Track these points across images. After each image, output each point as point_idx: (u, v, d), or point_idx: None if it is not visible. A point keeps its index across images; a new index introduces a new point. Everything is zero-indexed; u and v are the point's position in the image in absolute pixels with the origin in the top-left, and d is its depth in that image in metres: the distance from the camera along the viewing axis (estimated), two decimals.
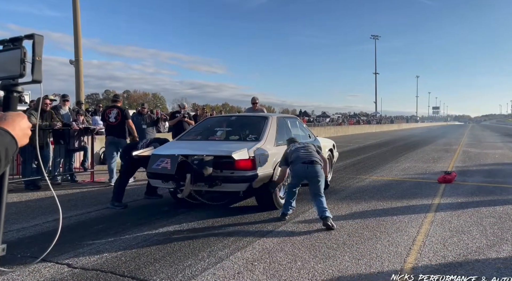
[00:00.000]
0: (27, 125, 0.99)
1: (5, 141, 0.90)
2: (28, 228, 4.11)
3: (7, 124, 0.94)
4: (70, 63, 16.42)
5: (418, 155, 12.28)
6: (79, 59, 16.44)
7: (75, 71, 16.43)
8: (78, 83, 16.50)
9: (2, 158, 0.87)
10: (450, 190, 6.10)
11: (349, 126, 34.35)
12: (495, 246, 3.46)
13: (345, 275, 2.79)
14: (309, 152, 4.38)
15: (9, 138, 0.92)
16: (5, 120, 0.95)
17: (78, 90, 16.50)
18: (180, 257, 3.20)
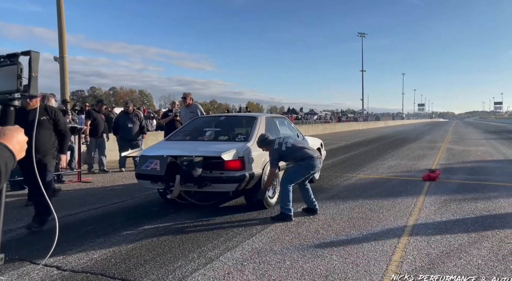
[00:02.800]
0: (23, 139, 1.02)
1: (5, 155, 0.92)
2: (15, 230, 4.07)
3: (6, 139, 0.97)
4: (55, 60, 16.11)
5: (404, 152, 12.51)
6: (63, 56, 16.11)
7: (59, 68, 16.12)
8: (63, 80, 16.19)
9: (3, 172, 0.89)
10: (434, 188, 6.26)
11: (336, 123, 34.67)
12: (476, 243, 3.59)
13: (332, 274, 2.86)
14: (309, 146, 4.70)
15: (8, 153, 0.94)
16: (4, 134, 0.97)
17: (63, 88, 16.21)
18: (170, 258, 3.23)
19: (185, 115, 7.08)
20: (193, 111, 6.94)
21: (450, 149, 13.89)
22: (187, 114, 6.97)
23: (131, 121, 7.82)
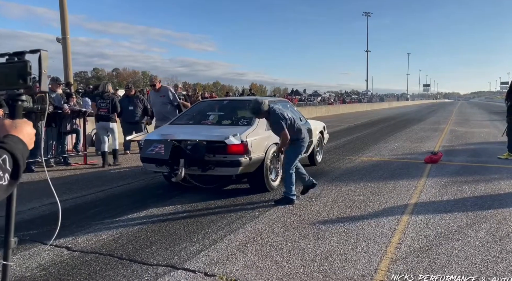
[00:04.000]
0: (32, 131, 1.07)
1: (20, 147, 0.98)
2: (25, 212, 4.19)
3: (18, 131, 1.02)
4: (57, 41, 16.01)
5: (407, 134, 12.51)
6: (66, 37, 16.00)
7: (62, 49, 16.04)
8: (66, 62, 16.13)
9: (21, 164, 0.95)
10: (435, 170, 6.31)
11: (340, 105, 34.49)
12: (475, 225, 3.66)
13: (332, 255, 2.95)
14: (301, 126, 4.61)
15: (22, 144, 1.00)
16: (15, 128, 1.02)
17: (66, 69, 16.17)
18: (175, 240, 3.34)
19: (155, 100, 6.60)
20: (163, 95, 6.46)
21: (453, 130, 13.86)
22: (157, 99, 6.51)
23: (132, 104, 7.62)
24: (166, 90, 6.49)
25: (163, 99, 6.38)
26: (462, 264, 2.79)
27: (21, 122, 1.06)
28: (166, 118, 6.18)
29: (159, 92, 6.43)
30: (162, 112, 6.40)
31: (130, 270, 2.77)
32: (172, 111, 6.40)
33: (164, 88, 6.60)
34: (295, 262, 2.83)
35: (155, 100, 6.52)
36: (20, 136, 1.02)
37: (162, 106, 6.41)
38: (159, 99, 6.42)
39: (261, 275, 2.63)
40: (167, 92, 6.43)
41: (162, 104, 6.39)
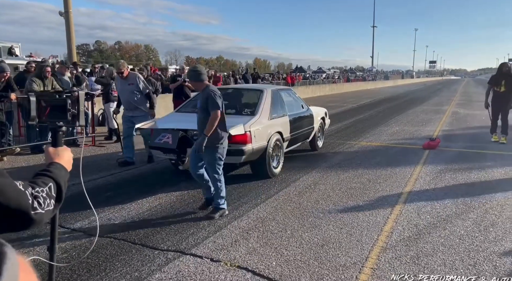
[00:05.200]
0: (71, 156, 1.29)
1: (62, 174, 1.19)
2: None
3: (60, 158, 1.23)
4: (60, 14, 15.93)
5: (409, 117, 12.63)
6: (68, 11, 15.91)
7: (65, 24, 15.97)
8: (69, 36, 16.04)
9: (64, 189, 1.16)
10: (432, 157, 6.52)
11: (344, 83, 34.30)
12: (463, 214, 3.91)
13: (328, 243, 3.22)
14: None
15: (64, 171, 1.21)
16: (58, 155, 1.24)
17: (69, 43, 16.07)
18: (183, 226, 3.61)
19: (122, 88, 5.86)
20: (132, 83, 5.75)
21: (455, 113, 13.96)
22: (125, 87, 5.79)
23: (126, 90, 5.90)
24: (134, 78, 5.83)
25: (131, 87, 5.76)
26: (446, 253, 3.05)
27: (62, 149, 1.27)
28: (136, 108, 5.78)
29: (127, 79, 5.78)
30: (131, 101, 5.78)
31: (143, 254, 3.05)
32: (142, 101, 5.81)
33: (132, 75, 5.92)
34: (293, 249, 3.10)
35: (123, 88, 5.87)
36: (62, 162, 1.23)
37: (131, 95, 5.76)
38: (127, 87, 5.80)
39: (262, 261, 2.90)
40: (135, 80, 5.79)
41: (131, 92, 5.75)
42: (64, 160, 1.24)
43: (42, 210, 1.00)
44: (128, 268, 2.82)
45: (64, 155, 1.26)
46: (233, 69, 74.62)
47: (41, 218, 1.00)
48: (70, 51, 16.31)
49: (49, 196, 1.09)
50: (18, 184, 0.96)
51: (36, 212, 0.97)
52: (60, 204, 1.17)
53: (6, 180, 0.92)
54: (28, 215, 0.96)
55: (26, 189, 0.97)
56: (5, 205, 0.90)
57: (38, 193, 1.01)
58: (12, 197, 0.92)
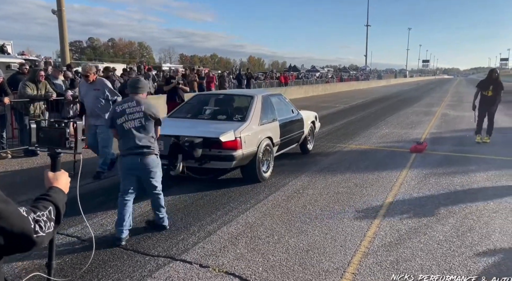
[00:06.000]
0: (68, 180, 1.41)
1: (61, 197, 1.31)
2: None
3: (59, 182, 1.35)
4: (53, 13, 15.85)
5: (399, 118, 12.84)
6: (61, 9, 15.82)
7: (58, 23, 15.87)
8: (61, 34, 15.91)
9: (62, 211, 1.28)
10: (419, 161, 6.70)
11: (337, 83, 34.56)
12: (443, 219, 4.08)
13: (313, 248, 3.36)
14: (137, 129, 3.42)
15: (62, 194, 1.33)
16: (56, 179, 1.36)
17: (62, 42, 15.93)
18: (174, 232, 3.73)
19: (86, 93, 5.43)
20: (98, 89, 5.36)
21: (444, 114, 14.21)
22: (90, 91, 5.37)
23: (91, 95, 5.40)
24: (101, 83, 5.44)
25: (96, 93, 5.35)
26: (424, 258, 3.21)
27: (60, 174, 1.39)
28: (99, 115, 5.36)
29: (93, 84, 5.37)
30: (95, 108, 5.37)
31: (134, 260, 3.17)
32: (107, 108, 5.28)
33: (99, 81, 5.52)
34: (280, 255, 3.24)
35: (87, 92, 5.41)
36: (60, 186, 1.35)
37: (96, 101, 5.35)
38: (92, 92, 5.37)
39: (249, 267, 3.04)
40: (102, 86, 5.40)
41: (96, 98, 5.34)
42: (62, 184, 1.36)
43: (43, 232, 1.11)
44: (119, 274, 2.93)
45: (62, 179, 1.38)
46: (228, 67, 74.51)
47: (42, 240, 1.12)
48: (63, 52, 16.23)
49: (49, 219, 1.21)
50: (22, 211, 1.08)
51: (37, 235, 1.09)
52: (59, 226, 1.29)
53: (11, 207, 1.04)
54: (30, 238, 1.08)
55: (28, 214, 1.09)
56: (10, 231, 1.02)
57: (39, 217, 1.13)
58: (16, 223, 1.03)
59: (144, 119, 3.43)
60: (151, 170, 3.49)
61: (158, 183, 3.60)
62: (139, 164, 3.44)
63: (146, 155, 3.43)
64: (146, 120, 3.43)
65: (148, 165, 3.46)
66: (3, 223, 0.99)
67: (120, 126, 3.47)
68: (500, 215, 4.14)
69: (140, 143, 3.41)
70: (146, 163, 3.45)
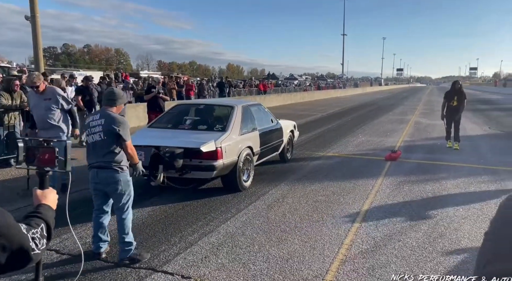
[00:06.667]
0: (56, 197, 1.45)
1: (51, 214, 1.35)
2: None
3: (47, 200, 1.39)
4: (26, 19, 15.45)
5: (374, 127, 13.23)
6: (35, 15, 15.44)
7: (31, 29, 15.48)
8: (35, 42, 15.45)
9: (52, 228, 1.32)
10: (393, 169, 6.95)
11: (315, 91, 35.16)
12: (416, 226, 4.26)
13: (293, 257, 3.45)
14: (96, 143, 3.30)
15: (52, 211, 1.37)
16: (45, 197, 1.39)
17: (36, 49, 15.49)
18: (155, 243, 3.74)
19: (36, 103, 5.06)
20: (48, 98, 4.98)
21: (417, 122, 14.74)
22: (40, 102, 4.99)
23: (42, 106, 5.00)
24: (53, 93, 5.06)
25: (47, 103, 4.97)
26: (398, 264, 3.36)
27: (48, 191, 1.43)
28: (52, 127, 4.97)
29: (43, 94, 4.98)
30: (46, 119, 4.97)
31: (115, 273, 3.16)
32: (61, 119, 5.05)
33: (50, 89, 5.13)
34: (260, 264, 3.31)
35: (37, 104, 5.04)
36: (48, 203, 1.39)
37: (46, 112, 4.96)
38: (42, 103, 4.99)
39: (230, 277, 3.09)
40: (54, 95, 5.03)
41: (47, 109, 4.95)
42: (50, 201, 1.40)
43: (38, 250, 1.15)
44: None
45: (50, 196, 1.41)
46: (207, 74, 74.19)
47: (37, 257, 1.16)
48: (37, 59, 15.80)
49: (42, 236, 1.25)
50: (23, 228, 1.12)
51: (34, 252, 1.13)
52: (50, 242, 1.33)
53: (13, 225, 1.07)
54: (28, 255, 1.11)
55: (28, 232, 1.13)
56: (10, 248, 1.05)
57: (34, 235, 1.17)
58: (16, 241, 1.07)
59: (103, 133, 3.25)
60: (110, 186, 3.29)
61: (120, 202, 3.35)
62: (97, 178, 3.30)
63: (103, 168, 3.26)
64: (105, 135, 3.25)
65: (106, 180, 3.28)
66: (5, 241, 1.02)
67: (87, 138, 3.44)
68: (468, 221, 4.37)
69: (99, 158, 3.27)
70: (103, 178, 3.28)
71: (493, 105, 25.58)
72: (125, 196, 3.36)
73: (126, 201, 3.39)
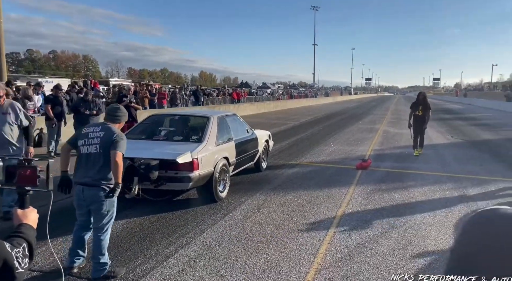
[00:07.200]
0: (37, 216, 1.44)
1: (32, 234, 1.34)
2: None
3: (28, 219, 1.38)
4: None
5: (345, 136, 13.60)
6: None
7: None
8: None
9: (34, 247, 1.30)
10: (364, 177, 7.18)
11: (287, 100, 35.70)
12: (387, 233, 4.43)
13: (270, 267, 3.50)
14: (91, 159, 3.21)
15: (33, 231, 1.35)
16: (26, 217, 1.38)
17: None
18: (130, 256, 3.68)
19: None
20: (7, 113, 4.55)
21: (386, 131, 15.28)
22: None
23: None
24: (13, 107, 4.65)
25: (6, 118, 4.56)
26: (371, 272, 3.48)
27: (29, 211, 1.42)
28: (8, 143, 4.55)
29: (1, 107, 4.55)
30: (4, 135, 4.54)
31: None
32: (18, 135, 4.67)
33: (9, 103, 4.70)
34: (238, 275, 3.34)
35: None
36: (30, 222, 1.38)
37: (4, 127, 4.53)
38: (1, 116, 4.57)
39: None
40: (14, 110, 4.63)
41: (4, 124, 4.53)
42: (31, 220, 1.39)
43: (22, 269, 1.15)
44: None
45: (31, 216, 1.40)
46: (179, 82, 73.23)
47: (21, 276, 1.15)
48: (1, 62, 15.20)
49: (25, 255, 1.24)
50: (7, 246, 1.11)
51: (18, 271, 1.13)
52: (32, 261, 1.31)
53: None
54: (12, 273, 1.11)
55: (12, 250, 1.12)
56: None
57: (17, 254, 1.16)
58: (2, 257, 1.06)
59: (100, 146, 3.18)
60: (95, 204, 3.19)
61: (101, 222, 3.24)
62: (82, 195, 3.19)
63: (90, 186, 3.16)
64: (102, 148, 3.17)
65: (91, 198, 3.18)
66: None
67: (79, 148, 3.29)
68: (435, 228, 4.59)
69: (89, 172, 3.17)
70: (89, 196, 3.17)
71: (455, 115, 26.93)
72: (107, 216, 3.26)
73: (107, 221, 3.29)
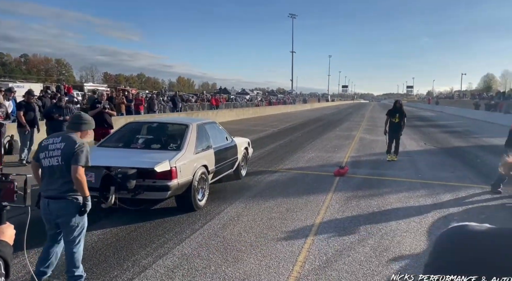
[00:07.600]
0: (13, 232, 1.39)
1: (8, 251, 1.30)
2: None
3: (5, 236, 1.34)
4: None
5: (323, 142, 13.80)
6: None
7: None
8: None
9: (10, 265, 1.26)
10: (341, 184, 7.30)
11: (266, 107, 35.97)
12: (363, 240, 4.52)
13: (249, 277, 3.50)
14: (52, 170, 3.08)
15: (9, 247, 1.31)
16: (2, 233, 1.34)
17: None
18: (106, 268, 3.59)
19: None
20: None
21: (362, 138, 15.61)
22: None
23: None
24: None
25: None
26: (349, 279, 3.54)
27: (5, 227, 1.38)
28: None
29: None
30: None
31: None
32: None
33: None
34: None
35: None
36: (6, 239, 1.34)
37: None
38: None
39: None
40: None
41: None
42: (7, 237, 1.35)
43: None
44: None
45: (7, 232, 1.36)
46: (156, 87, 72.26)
47: None
48: None
49: (0, 274, 1.20)
50: None
51: None
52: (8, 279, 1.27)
53: None
54: None
55: None
56: None
57: None
58: None
59: (61, 158, 3.02)
60: (62, 218, 3.07)
61: (71, 235, 3.13)
62: (48, 209, 3.06)
63: (55, 199, 3.03)
64: (63, 160, 3.01)
65: (57, 212, 3.06)
66: None
67: (40, 161, 3.14)
68: (409, 235, 4.72)
69: (53, 185, 3.05)
70: (54, 209, 3.05)
71: (428, 122, 27.85)
72: (78, 228, 3.13)
73: (78, 234, 3.16)
